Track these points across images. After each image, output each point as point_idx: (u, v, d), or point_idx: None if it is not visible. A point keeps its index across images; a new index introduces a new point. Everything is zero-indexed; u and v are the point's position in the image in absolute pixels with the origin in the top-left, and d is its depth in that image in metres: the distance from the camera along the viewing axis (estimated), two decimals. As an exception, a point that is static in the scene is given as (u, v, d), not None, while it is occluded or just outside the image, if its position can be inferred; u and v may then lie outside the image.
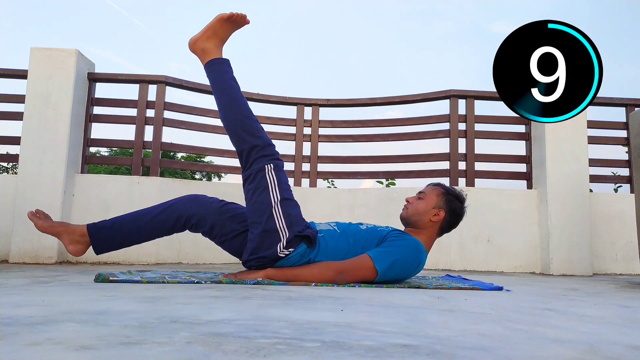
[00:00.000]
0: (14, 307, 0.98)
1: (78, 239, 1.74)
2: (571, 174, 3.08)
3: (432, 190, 1.91)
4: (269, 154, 1.73)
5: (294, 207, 1.72)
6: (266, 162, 1.71)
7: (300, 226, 1.70)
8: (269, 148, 1.75)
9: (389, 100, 3.52)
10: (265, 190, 1.69)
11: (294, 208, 1.73)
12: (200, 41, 1.85)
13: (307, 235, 1.69)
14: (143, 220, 1.75)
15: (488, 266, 3.09)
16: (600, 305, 1.36)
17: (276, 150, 1.78)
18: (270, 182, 1.69)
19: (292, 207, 1.72)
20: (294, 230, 1.67)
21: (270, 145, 1.76)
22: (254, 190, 1.70)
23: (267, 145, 1.74)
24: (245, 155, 1.74)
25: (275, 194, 1.68)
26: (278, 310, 1.02)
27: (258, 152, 1.72)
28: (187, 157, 17.22)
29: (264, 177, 1.70)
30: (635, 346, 0.78)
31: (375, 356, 0.63)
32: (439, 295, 1.47)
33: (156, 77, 3.18)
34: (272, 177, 1.70)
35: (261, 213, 1.67)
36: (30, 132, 2.80)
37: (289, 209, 1.69)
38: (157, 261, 2.90)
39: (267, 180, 1.69)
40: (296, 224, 1.69)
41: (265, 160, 1.71)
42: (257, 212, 1.68)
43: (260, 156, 1.72)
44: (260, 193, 1.69)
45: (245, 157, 1.74)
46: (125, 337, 0.69)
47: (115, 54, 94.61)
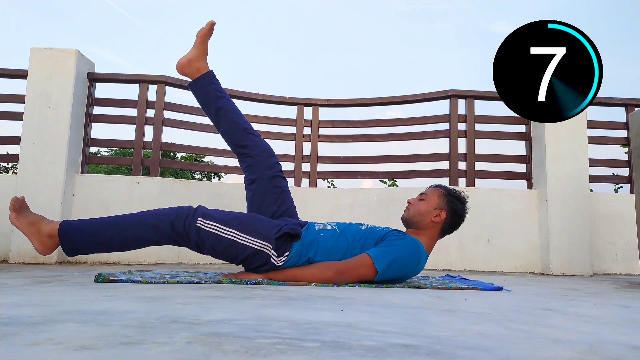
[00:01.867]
0: (14, 307, 0.98)
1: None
2: (571, 174, 3.08)
3: (434, 192, 1.91)
4: (188, 214, 1.66)
5: (253, 222, 1.70)
6: (194, 222, 1.63)
7: (275, 229, 1.68)
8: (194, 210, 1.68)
9: (389, 100, 3.52)
10: (218, 238, 1.64)
11: (254, 222, 1.70)
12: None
13: (288, 233, 1.67)
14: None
15: (488, 266, 3.09)
16: (600, 305, 1.36)
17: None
18: (214, 230, 1.64)
19: (251, 223, 1.69)
20: (272, 237, 1.65)
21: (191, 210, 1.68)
22: (213, 247, 1.65)
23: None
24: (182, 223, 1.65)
25: (228, 232, 1.65)
26: (278, 310, 1.02)
27: (188, 217, 1.65)
28: (187, 157, 17.22)
29: (205, 232, 1.64)
30: (635, 346, 0.78)
31: (375, 356, 0.63)
32: (439, 295, 1.47)
33: (156, 77, 3.18)
34: (210, 226, 1.64)
35: (236, 252, 1.65)
36: (30, 132, 2.80)
37: (250, 227, 1.67)
38: (157, 261, 2.90)
39: (210, 231, 1.64)
40: (269, 231, 1.68)
41: (191, 220, 1.64)
42: (234, 254, 1.66)
43: (187, 218, 1.64)
44: (218, 243, 1.64)
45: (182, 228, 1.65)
46: (125, 337, 0.69)
47: (115, 54, 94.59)
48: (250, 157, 1.91)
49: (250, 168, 1.91)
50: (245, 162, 1.92)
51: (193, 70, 1.91)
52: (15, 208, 1.66)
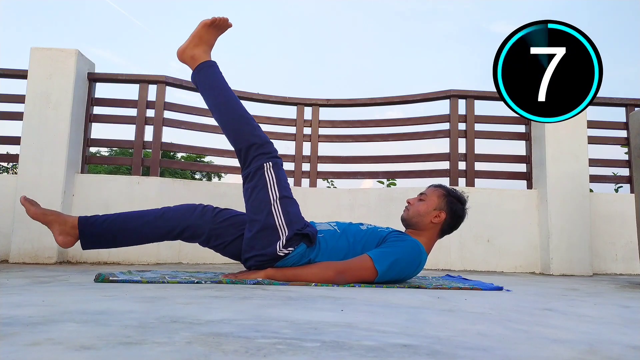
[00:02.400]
0: (14, 307, 0.98)
1: (68, 231, 1.70)
2: (571, 174, 3.08)
3: (433, 192, 1.90)
4: (267, 152, 1.73)
5: (293, 205, 1.72)
6: (265, 160, 1.71)
7: (300, 224, 1.69)
8: (267, 146, 1.74)
9: (389, 100, 3.52)
10: (264, 188, 1.68)
11: (293, 206, 1.72)
12: (189, 49, 1.87)
13: (306, 234, 1.68)
14: (135, 224, 1.71)
15: (488, 266, 3.09)
16: (600, 305, 1.36)
17: (274, 148, 1.78)
18: (269, 179, 1.69)
19: (291, 205, 1.72)
20: (294, 228, 1.66)
21: (268, 143, 1.75)
22: (252, 188, 1.70)
23: (265, 143, 1.74)
24: (243, 154, 1.73)
25: (274, 192, 1.68)
26: (278, 310, 1.02)
27: (256, 150, 1.72)
28: (187, 157, 17.23)
29: (263, 174, 1.69)
30: (635, 346, 0.78)
31: (375, 356, 0.63)
32: (439, 295, 1.47)
33: (156, 77, 3.18)
34: (271, 175, 1.70)
35: (260, 210, 1.67)
36: (30, 132, 2.80)
37: (288, 206, 1.69)
38: (157, 261, 2.90)
39: (266, 178, 1.69)
40: (295, 222, 1.69)
41: (264, 158, 1.71)
42: (256, 210, 1.68)
43: (258, 154, 1.71)
44: (259, 191, 1.68)
45: (243, 156, 1.74)
46: (125, 337, 0.69)
47: (115, 54, 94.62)
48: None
49: None
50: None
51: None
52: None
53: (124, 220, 1.72)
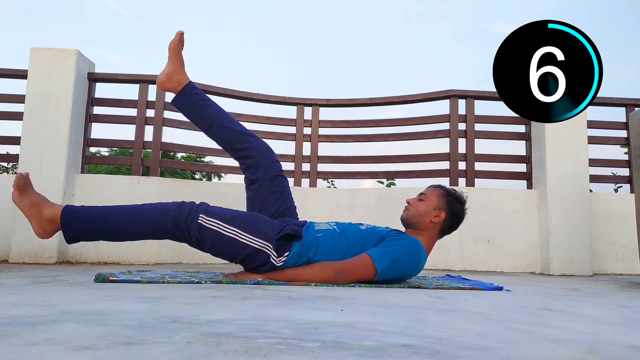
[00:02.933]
0: (14, 307, 0.98)
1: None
2: (571, 174, 3.08)
3: (433, 192, 1.91)
4: (189, 210, 1.64)
5: (255, 221, 1.69)
6: (195, 219, 1.63)
7: (275, 230, 1.68)
8: (185, 206, 1.67)
9: (389, 100, 3.52)
10: (218, 236, 1.63)
11: (256, 221, 1.69)
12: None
13: (288, 234, 1.67)
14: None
15: (488, 266, 3.09)
16: (600, 305, 1.36)
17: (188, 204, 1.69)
18: (215, 227, 1.63)
19: (253, 222, 1.68)
20: (273, 238, 1.65)
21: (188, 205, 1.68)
22: (213, 245, 1.65)
23: (183, 205, 1.67)
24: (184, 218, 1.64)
25: (228, 230, 1.64)
26: (278, 310, 1.02)
27: (183, 219, 1.63)
28: (187, 157, 17.22)
29: (207, 229, 1.63)
30: (635, 346, 0.78)
31: (375, 356, 0.63)
32: (439, 295, 1.47)
33: (156, 77, 3.17)
34: (212, 223, 1.64)
35: (237, 251, 1.64)
36: (30, 132, 2.80)
37: (252, 226, 1.66)
38: (157, 261, 2.90)
39: (213, 229, 1.63)
40: (271, 230, 1.67)
41: (193, 217, 1.63)
42: (234, 253, 1.66)
43: (188, 220, 1.63)
44: (219, 241, 1.64)
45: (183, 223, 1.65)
46: (125, 337, 0.69)
47: (115, 54, 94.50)
48: (249, 158, 1.90)
49: (250, 169, 1.90)
50: (245, 164, 1.91)
51: (174, 84, 1.90)
52: (19, 186, 1.64)
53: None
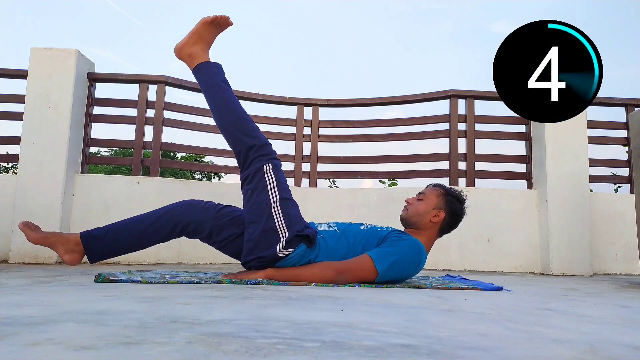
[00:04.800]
0: (14, 307, 0.98)
1: (73, 248, 1.68)
2: (571, 174, 3.08)
3: (432, 191, 1.91)
4: (267, 154, 1.72)
5: (293, 207, 1.72)
6: (264, 162, 1.70)
7: (300, 226, 1.69)
8: (266, 147, 1.74)
9: (389, 100, 3.52)
10: (264, 190, 1.68)
11: (293, 208, 1.72)
12: (187, 47, 1.85)
13: (306, 235, 1.68)
14: (138, 229, 1.69)
15: (488, 266, 3.09)
16: (600, 305, 1.36)
17: (273, 149, 1.77)
18: (269, 181, 1.69)
19: (291, 206, 1.71)
20: (294, 230, 1.66)
21: (267, 145, 1.75)
22: (252, 190, 1.69)
23: (264, 145, 1.74)
24: (242, 156, 1.73)
25: (274, 194, 1.68)
26: (278, 310, 1.02)
27: (255, 152, 1.71)
28: (187, 157, 17.22)
29: (263, 176, 1.69)
30: (635, 346, 0.78)
31: (375, 356, 0.63)
32: (439, 295, 1.47)
33: (156, 77, 3.18)
34: (271, 177, 1.69)
35: (260, 213, 1.66)
36: (30, 132, 2.80)
37: (288, 208, 1.69)
38: (157, 261, 2.90)
39: (266, 180, 1.69)
40: (295, 223, 1.68)
41: (264, 160, 1.71)
42: (256, 212, 1.67)
43: (258, 156, 1.71)
44: (259, 193, 1.68)
45: (243, 158, 1.73)
46: (125, 337, 0.69)
47: (115, 54, 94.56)
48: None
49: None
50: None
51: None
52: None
53: (127, 227, 1.70)
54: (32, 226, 1.72)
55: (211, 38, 1.89)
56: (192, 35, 1.85)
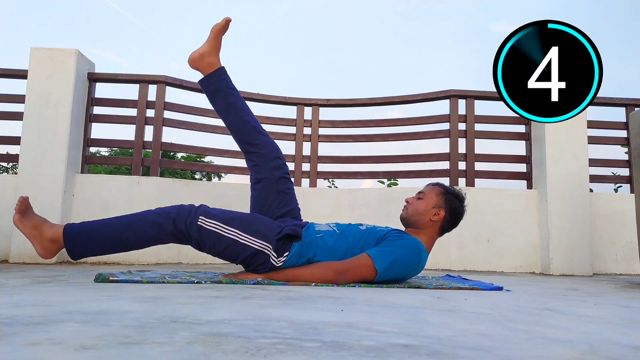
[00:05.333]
0: (14, 307, 0.98)
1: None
2: (571, 174, 3.08)
3: (432, 190, 1.91)
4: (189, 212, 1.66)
5: (254, 222, 1.69)
6: (195, 221, 1.63)
7: (275, 230, 1.68)
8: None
9: (389, 100, 3.52)
10: (219, 237, 1.63)
11: (255, 222, 1.69)
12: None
13: (288, 234, 1.67)
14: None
15: (488, 266, 3.09)
16: (600, 305, 1.36)
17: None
18: (214, 228, 1.64)
19: (252, 222, 1.68)
20: (273, 239, 1.65)
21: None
22: (213, 246, 1.65)
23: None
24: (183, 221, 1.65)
25: (228, 231, 1.64)
26: (278, 310, 1.02)
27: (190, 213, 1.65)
28: (187, 157, 17.22)
29: (208, 230, 1.63)
30: (635, 346, 0.78)
31: (375, 356, 0.63)
32: (439, 295, 1.47)
33: (156, 77, 3.18)
34: (211, 224, 1.64)
35: (237, 252, 1.64)
36: (30, 132, 2.80)
37: (251, 227, 1.66)
38: (157, 261, 2.90)
39: (211, 229, 1.64)
40: (270, 231, 1.67)
41: (194, 219, 1.63)
42: (233, 254, 1.66)
43: (189, 216, 1.64)
44: (220, 243, 1.64)
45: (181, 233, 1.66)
46: (125, 337, 0.69)
47: (115, 54, 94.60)
48: (257, 156, 1.91)
49: (256, 167, 1.91)
50: (253, 161, 1.92)
51: (205, 65, 1.90)
52: (20, 209, 1.63)
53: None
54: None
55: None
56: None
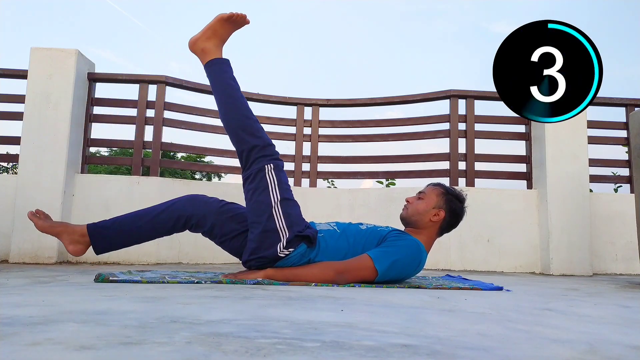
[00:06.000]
0: (14, 307, 0.98)
1: (78, 239, 1.74)
2: (571, 174, 3.08)
3: (432, 190, 1.91)
4: (269, 154, 1.73)
5: (293, 207, 1.72)
6: (266, 162, 1.71)
7: (301, 226, 1.70)
8: (269, 148, 1.75)
9: (389, 100, 3.52)
10: (265, 190, 1.69)
11: (294, 208, 1.73)
12: (200, 41, 1.86)
13: (307, 235, 1.69)
14: (143, 221, 1.75)
15: (488, 266, 3.09)
16: (600, 305, 1.36)
17: (276, 150, 1.78)
18: (270, 182, 1.69)
19: (292, 207, 1.72)
20: (294, 230, 1.66)
21: (270, 145, 1.76)
22: (254, 190, 1.70)
23: (267, 145, 1.74)
24: (245, 155, 1.74)
25: (275, 194, 1.68)
26: (278, 310, 1.02)
27: (258, 152, 1.72)
28: (187, 157, 17.22)
29: (264, 177, 1.70)
30: (635, 346, 0.78)
31: (375, 356, 0.63)
32: (439, 295, 1.47)
33: (156, 77, 3.18)
34: (272, 177, 1.70)
35: (261, 213, 1.67)
36: (30, 132, 2.80)
37: (288, 208, 1.69)
38: (157, 261, 2.90)
39: (267, 180, 1.69)
40: (296, 224, 1.69)
41: (265, 160, 1.71)
42: (257, 212, 1.68)
43: (260, 156, 1.72)
44: (260, 193, 1.69)
45: (245, 157, 1.74)
46: (125, 337, 0.69)
47: (115, 54, 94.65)
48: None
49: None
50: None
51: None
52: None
53: (132, 220, 1.76)
54: (41, 214, 1.79)
55: (226, 35, 1.89)
56: (206, 30, 1.86)
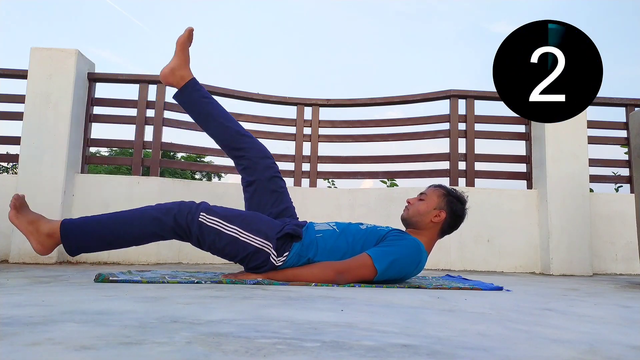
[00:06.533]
0: (14, 307, 0.98)
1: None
2: (571, 174, 3.08)
3: (434, 192, 1.91)
4: (188, 206, 1.65)
5: (255, 220, 1.69)
6: (197, 215, 1.63)
7: (276, 229, 1.68)
8: (187, 203, 1.67)
9: (389, 100, 3.52)
10: (219, 234, 1.63)
11: (256, 220, 1.69)
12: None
13: (288, 233, 1.67)
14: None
15: (488, 266, 3.09)
16: (600, 305, 1.36)
17: (189, 203, 1.69)
18: (216, 225, 1.63)
19: (254, 221, 1.69)
20: (274, 237, 1.65)
21: (185, 203, 1.68)
22: (213, 243, 1.64)
23: (183, 204, 1.66)
24: (180, 233, 1.65)
25: (229, 228, 1.64)
26: (278, 310, 1.02)
27: (183, 217, 1.62)
28: (187, 157, 17.21)
29: (208, 227, 1.63)
30: (635, 346, 0.78)
31: (375, 356, 0.63)
32: (439, 295, 1.47)
33: (156, 77, 3.17)
34: (213, 221, 1.64)
35: (236, 250, 1.64)
36: (30, 132, 2.80)
37: (253, 225, 1.66)
38: (157, 261, 2.90)
39: (212, 227, 1.63)
40: (271, 229, 1.67)
41: (196, 213, 1.63)
42: (234, 252, 1.65)
43: (187, 216, 1.63)
44: (220, 240, 1.63)
45: (182, 234, 1.65)
46: (125, 337, 0.69)
47: (115, 54, 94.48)
48: (246, 159, 1.90)
49: (247, 170, 1.90)
50: (242, 165, 1.92)
51: (177, 79, 1.89)
52: (16, 206, 1.61)
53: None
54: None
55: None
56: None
